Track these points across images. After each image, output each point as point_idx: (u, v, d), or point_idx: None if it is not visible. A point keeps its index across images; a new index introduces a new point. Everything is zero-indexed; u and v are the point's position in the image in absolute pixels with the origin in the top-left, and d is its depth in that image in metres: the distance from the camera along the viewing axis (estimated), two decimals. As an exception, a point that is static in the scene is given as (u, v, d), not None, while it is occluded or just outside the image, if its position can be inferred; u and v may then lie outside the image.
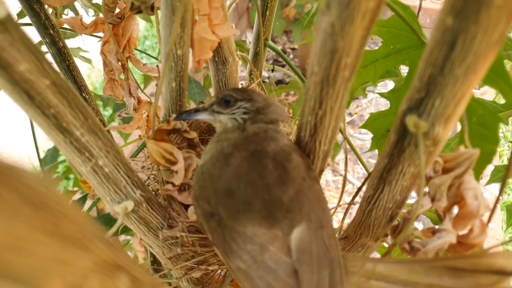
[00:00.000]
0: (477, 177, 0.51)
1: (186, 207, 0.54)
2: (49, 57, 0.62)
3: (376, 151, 0.62)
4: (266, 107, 0.47)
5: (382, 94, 0.60)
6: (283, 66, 2.71)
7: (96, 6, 0.89)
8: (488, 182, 0.77)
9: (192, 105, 1.02)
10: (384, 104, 2.63)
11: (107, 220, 0.75)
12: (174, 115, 0.54)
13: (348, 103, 0.52)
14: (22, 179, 0.20)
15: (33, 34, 0.42)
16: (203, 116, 0.49)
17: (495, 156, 0.53)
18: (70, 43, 0.79)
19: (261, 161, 0.40)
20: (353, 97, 0.63)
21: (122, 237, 1.05)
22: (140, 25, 0.68)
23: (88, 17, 0.87)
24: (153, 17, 0.55)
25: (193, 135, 0.55)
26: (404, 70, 0.62)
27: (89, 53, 1.04)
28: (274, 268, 0.36)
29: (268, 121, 0.46)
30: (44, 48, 0.72)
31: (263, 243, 0.37)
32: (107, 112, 2.37)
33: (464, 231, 0.44)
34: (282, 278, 0.35)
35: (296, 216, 0.38)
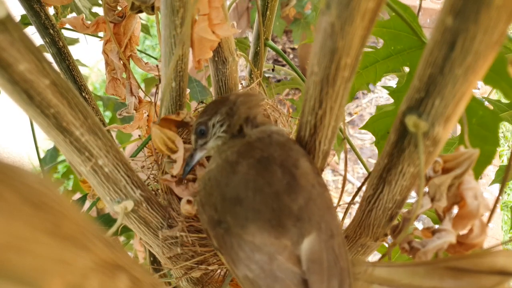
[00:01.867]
0: (477, 178, 0.51)
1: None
2: (49, 57, 0.62)
3: (376, 150, 0.63)
4: (233, 105, 0.46)
5: (388, 88, 0.60)
6: (283, 66, 2.71)
7: (94, 16, 0.89)
8: (492, 183, 0.77)
9: (193, 103, 1.02)
10: (384, 104, 2.63)
11: (107, 220, 0.75)
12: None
13: (349, 99, 0.52)
14: (22, 179, 0.20)
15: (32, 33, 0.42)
16: (199, 156, 0.49)
17: (494, 157, 0.53)
18: (70, 48, 0.79)
19: (268, 168, 0.39)
20: (356, 93, 0.63)
21: (122, 238, 1.05)
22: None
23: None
24: (153, 17, 0.55)
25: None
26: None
27: (87, 67, 1.04)
28: (282, 278, 0.35)
29: (245, 114, 0.45)
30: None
31: (272, 252, 0.36)
32: (107, 113, 2.37)
33: (464, 231, 0.44)
34: None
35: (306, 225, 0.37)
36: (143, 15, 0.57)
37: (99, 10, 0.93)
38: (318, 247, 0.37)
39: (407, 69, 0.61)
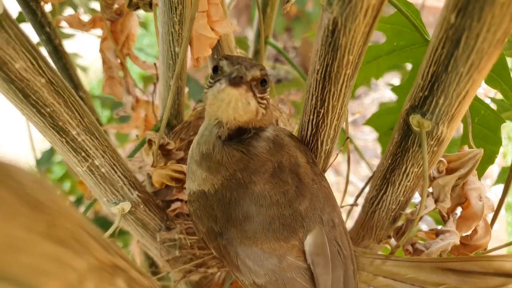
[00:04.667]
0: (479, 177, 0.51)
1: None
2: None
3: (379, 151, 0.62)
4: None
5: (393, 88, 0.59)
6: (284, 65, 2.70)
7: (93, 12, 0.88)
8: (495, 183, 0.76)
9: (192, 103, 1.01)
10: (387, 102, 2.62)
11: (104, 222, 0.75)
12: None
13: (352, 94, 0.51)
14: (19, 179, 0.19)
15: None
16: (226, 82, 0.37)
17: (496, 157, 0.53)
18: (67, 45, 0.78)
19: (282, 178, 0.39)
20: (357, 91, 0.63)
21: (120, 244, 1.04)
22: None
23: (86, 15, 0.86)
24: (151, 15, 0.54)
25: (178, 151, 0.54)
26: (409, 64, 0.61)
27: (85, 59, 1.03)
28: (294, 277, 0.36)
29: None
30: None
31: (281, 255, 0.37)
32: (106, 113, 2.36)
33: (467, 232, 0.43)
34: (302, 285, 0.36)
35: (311, 222, 0.38)
36: (141, 12, 0.56)
37: (97, 6, 0.91)
38: (320, 240, 0.37)
39: (409, 66, 0.60)
